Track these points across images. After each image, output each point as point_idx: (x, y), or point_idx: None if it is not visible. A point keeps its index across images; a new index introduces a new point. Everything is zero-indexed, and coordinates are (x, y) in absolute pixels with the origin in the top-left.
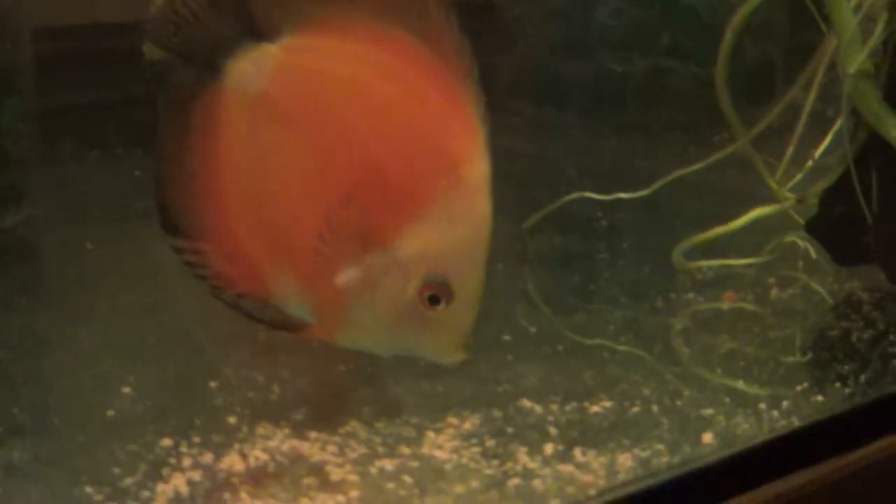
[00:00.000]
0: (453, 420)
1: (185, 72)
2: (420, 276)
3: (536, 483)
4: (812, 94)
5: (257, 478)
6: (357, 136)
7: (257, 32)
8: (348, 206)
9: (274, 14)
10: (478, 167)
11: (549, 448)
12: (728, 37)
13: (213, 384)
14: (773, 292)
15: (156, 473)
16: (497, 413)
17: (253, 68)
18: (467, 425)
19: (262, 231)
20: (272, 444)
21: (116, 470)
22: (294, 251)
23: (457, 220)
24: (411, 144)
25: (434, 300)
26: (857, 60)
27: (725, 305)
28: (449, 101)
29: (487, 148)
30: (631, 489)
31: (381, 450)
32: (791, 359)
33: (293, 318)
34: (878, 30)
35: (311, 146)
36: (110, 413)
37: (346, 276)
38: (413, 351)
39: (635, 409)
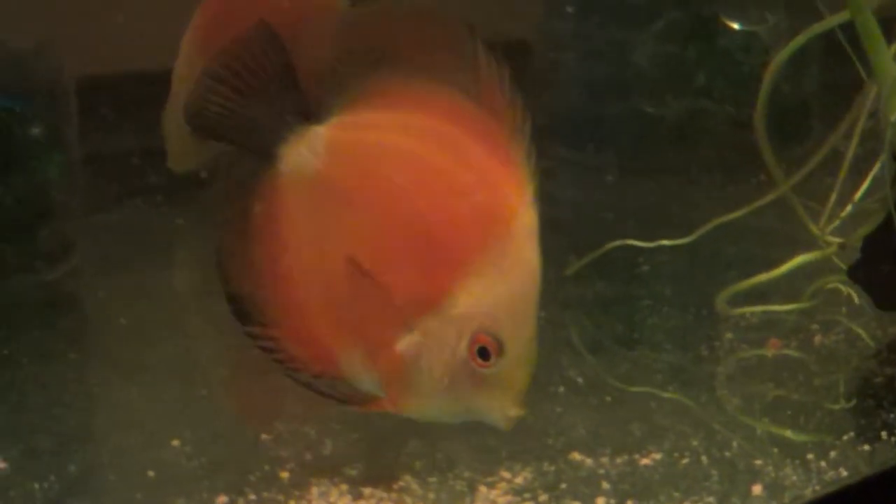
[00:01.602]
0: (506, 474)
1: (239, 163)
2: (471, 331)
3: None
4: (854, 141)
5: None
6: (408, 204)
7: (306, 114)
8: (403, 273)
9: (322, 94)
10: (525, 220)
11: (601, 502)
12: (766, 82)
13: (265, 438)
14: (817, 338)
15: None
16: (548, 467)
17: (306, 151)
18: (519, 479)
19: (328, 309)
20: (327, 500)
21: None
22: (358, 324)
23: (506, 274)
24: (460, 202)
25: (484, 354)
26: None
27: (770, 353)
28: (497, 156)
29: (535, 200)
30: None
31: None
32: (836, 406)
33: (364, 393)
34: None
35: (368, 220)
36: (164, 468)
37: (406, 341)
38: (471, 414)
39: (685, 461)
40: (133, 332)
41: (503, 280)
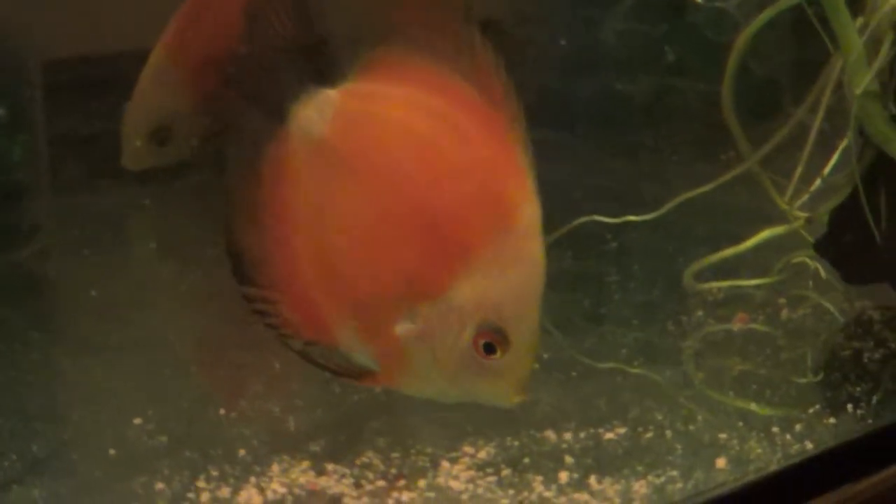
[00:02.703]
0: (468, 449)
1: (253, 119)
2: (475, 323)
3: None
4: (819, 115)
5: None
6: (411, 184)
7: (321, 77)
8: (403, 255)
9: (337, 58)
10: (529, 211)
11: (564, 476)
12: (733, 57)
13: (228, 416)
14: (784, 313)
15: None
16: (511, 442)
17: (316, 114)
18: (482, 454)
19: (326, 278)
20: (289, 477)
21: None
22: (355, 299)
23: (510, 265)
24: (464, 191)
25: (490, 349)
26: (864, 81)
27: (736, 327)
28: (499, 146)
29: (537, 191)
30: None
31: (397, 481)
32: (803, 380)
33: (358, 366)
34: (884, 50)
35: (369, 193)
36: (127, 447)
37: (405, 325)
38: (472, 398)
39: (649, 435)
40: (99, 311)
41: (508, 272)
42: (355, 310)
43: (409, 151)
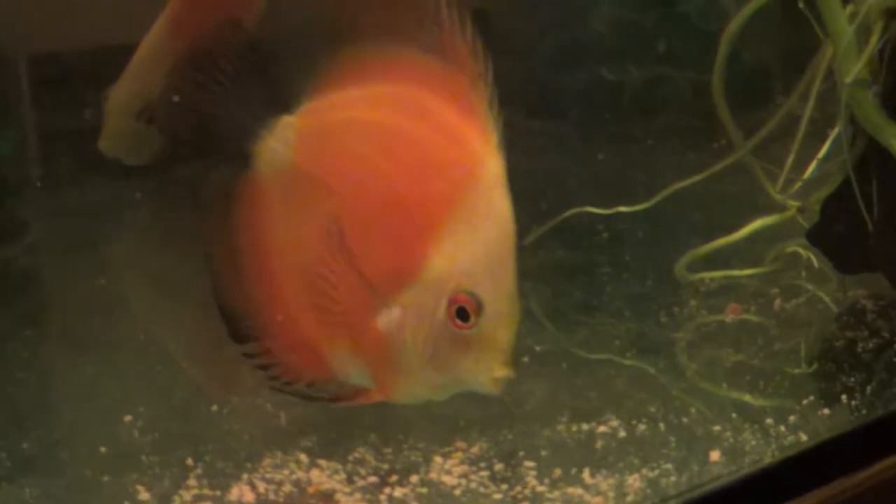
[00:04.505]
0: (461, 444)
1: (219, 169)
2: (448, 294)
3: None
4: (810, 103)
5: None
6: (377, 179)
7: (278, 106)
8: (379, 251)
9: (294, 82)
10: (492, 168)
11: (557, 470)
12: (723, 46)
13: (219, 412)
14: (777, 303)
15: None
16: (505, 435)
17: (279, 144)
18: (475, 449)
19: (312, 304)
20: (281, 473)
21: None
22: (340, 313)
23: (478, 227)
24: (427, 168)
25: (463, 315)
26: (854, 69)
27: (729, 318)
28: (459, 108)
29: (501, 145)
30: None
31: (389, 477)
32: (797, 370)
33: (354, 388)
34: (874, 38)
35: (340, 202)
36: (118, 445)
37: (386, 318)
38: (459, 383)
39: (643, 428)
40: (90, 307)
41: (476, 234)
42: (342, 324)
43: (370, 147)
